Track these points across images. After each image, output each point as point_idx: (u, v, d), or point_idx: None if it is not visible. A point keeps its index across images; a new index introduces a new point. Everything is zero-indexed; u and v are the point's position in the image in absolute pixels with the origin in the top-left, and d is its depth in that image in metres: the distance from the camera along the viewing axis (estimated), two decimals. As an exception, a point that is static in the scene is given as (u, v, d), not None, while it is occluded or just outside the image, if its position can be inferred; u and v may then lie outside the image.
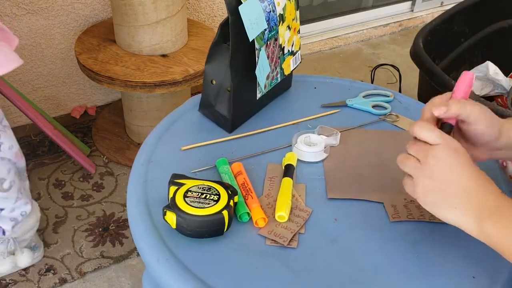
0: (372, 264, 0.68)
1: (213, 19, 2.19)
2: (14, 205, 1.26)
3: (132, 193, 0.76)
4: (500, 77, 1.67)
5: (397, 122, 0.94)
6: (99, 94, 2.05)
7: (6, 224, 1.27)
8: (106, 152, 1.85)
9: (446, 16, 1.75)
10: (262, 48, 0.84)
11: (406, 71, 2.29)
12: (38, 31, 1.78)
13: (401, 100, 1.00)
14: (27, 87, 1.87)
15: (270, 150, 0.86)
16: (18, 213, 1.28)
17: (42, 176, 1.74)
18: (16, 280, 1.41)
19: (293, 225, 0.72)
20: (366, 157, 0.85)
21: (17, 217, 1.28)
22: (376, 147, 0.87)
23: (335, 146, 0.87)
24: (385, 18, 2.84)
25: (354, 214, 0.75)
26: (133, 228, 0.72)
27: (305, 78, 1.06)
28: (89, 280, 1.43)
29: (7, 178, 1.21)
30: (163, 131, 0.89)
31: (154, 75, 1.55)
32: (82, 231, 1.56)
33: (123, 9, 1.57)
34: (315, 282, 0.65)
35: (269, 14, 0.83)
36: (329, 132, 0.88)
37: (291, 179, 0.78)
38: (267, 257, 0.68)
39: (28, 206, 1.30)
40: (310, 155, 0.83)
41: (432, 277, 0.66)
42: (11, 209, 1.26)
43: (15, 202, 1.26)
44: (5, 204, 1.24)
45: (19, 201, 1.26)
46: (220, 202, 0.68)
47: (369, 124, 0.93)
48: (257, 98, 0.90)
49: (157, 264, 0.66)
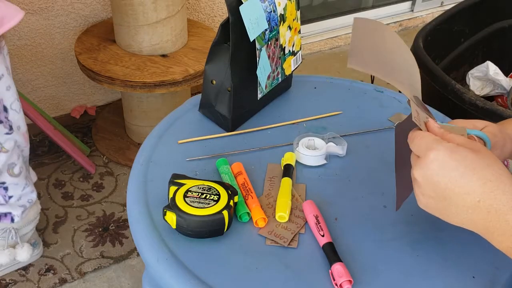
0: (372, 264, 0.68)
1: (213, 19, 2.19)
2: (22, 193, 1.28)
3: (132, 193, 0.76)
4: (500, 77, 1.67)
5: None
6: (99, 94, 2.05)
7: (16, 210, 1.30)
8: (106, 152, 1.85)
9: (446, 16, 1.75)
10: (263, 48, 0.84)
11: (406, 71, 2.29)
12: (38, 31, 1.78)
13: (401, 100, 1.00)
14: (27, 87, 1.87)
15: (270, 147, 0.86)
16: (26, 201, 1.31)
17: (42, 176, 1.74)
18: (16, 280, 1.41)
19: (293, 225, 0.72)
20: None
21: (25, 204, 1.31)
22: None
23: (341, 156, 0.86)
24: (385, 18, 2.84)
25: (354, 214, 0.75)
26: (133, 228, 0.72)
27: (305, 78, 1.05)
28: (89, 280, 1.43)
29: (17, 163, 1.23)
30: (163, 131, 0.89)
31: (154, 75, 1.55)
32: (82, 231, 1.56)
33: (123, 9, 1.57)
34: (315, 282, 0.65)
35: (270, 14, 0.83)
36: (339, 141, 0.86)
37: (291, 179, 0.78)
38: (267, 257, 0.68)
39: (34, 194, 1.32)
40: (309, 159, 0.83)
41: (432, 277, 0.66)
42: (19, 197, 1.28)
43: (23, 190, 1.28)
44: (15, 191, 1.26)
45: (26, 188, 1.29)
46: (220, 202, 0.68)
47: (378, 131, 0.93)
48: (258, 98, 0.90)
49: (157, 264, 0.66)
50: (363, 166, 0.84)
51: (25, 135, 1.27)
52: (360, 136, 0.90)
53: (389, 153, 0.78)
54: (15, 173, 1.24)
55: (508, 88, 1.65)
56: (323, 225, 0.70)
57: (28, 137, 1.29)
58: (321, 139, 0.85)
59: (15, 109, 1.20)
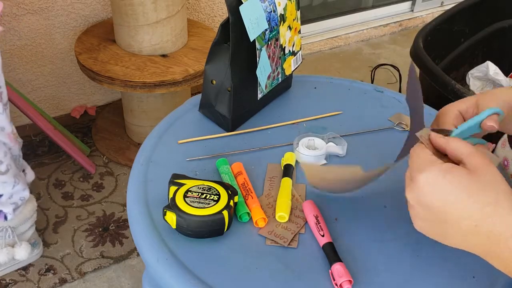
0: (372, 264, 0.68)
1: (213, 19, 2.19)
2: (12, 191, 1.27)
3: (132, 193, 0.76)
4: (500, 77, 1.67)
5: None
6: (99, 94, 2.05)
7: (7, 207, 1.29)
8: (106, 152, 1.85)
9: (446, 16, 1.75)
10: (263, 48, 0.84)
11: (406, 71, 2.28)
12: (38, 31, 1.78)
13: (401, 100, 1.00)
14: (27, 87, 1.87)
15: (270, 147, 0.86)
16: (18, 198, 1.30)
17: (42, 176, 1.74)
18: (16, 280, 1.41)
19: (293, 225, 0.72)
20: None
21: (17, 201, 1.30)
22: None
23: (341, 156, 0.86)
24: (385, 18, 2.84)
25: (354, 214, 0.75)
26: (133, 228, 0.72)
27: (305, 78, 1.05)
28: (89, 280, 1.43)
29: (4, 161, 1.22)
30: (163, 131, 0.89)
31: (154, 75, 1.55)
32: (82, 231, 1.56)
33: (123, 9, 1.57)
34: (315, 282, 0.65)
35: (270, 14, 0.83)
36: (339, 141, 0.86)
37: (291, 179, 0.78)
38: (267, 257, 0.68)
39: (26, 192, 1.32)
40: (309, 159, 0.83)
41: (432, 277, 0.66)
42: (9, 195, 1.27)
43: (13, 188, 1.27)
44: (4, 189, 1.26)
45: (16, 186, 1.28)
46: (220, 202, 0.68)
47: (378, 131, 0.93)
48: (258, 99, 0.90)
49: (157, 264, 0.66)
50: (363, 166, 0.84)
51: (10, 135, 1.25)
52: (360, 136, 0.90)
53: (389, 153, 0.78)
54: (2, 171, 1.22)
55: (508, 88, 1.65)
56: (323, 225, 0.70)
57: (14, 137, 1.27)
58: (321, 139, 0.85)
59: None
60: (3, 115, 1.21)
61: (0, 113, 1.20)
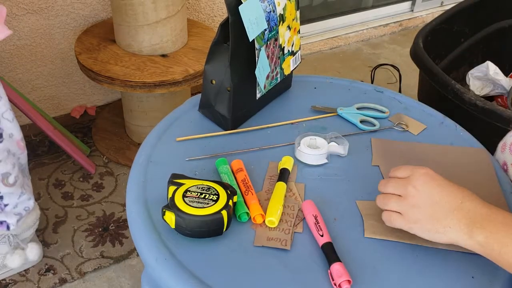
0: (371, 264, 0.68)
1: (213, 19, 2.19)
2: (18, 201, 1.26)
3: (131, 193, 0.76)
4: (500, 77, 1.67)
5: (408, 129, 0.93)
6: (99, 94, 2.05)
7: (11, 218, 1.28)
8: (106, 152, 1.85)
9: (446, 16, 1.75)
10: (262, 48, 0.84)
11: (406, 71, 2.29)
12: (38, 31, 1.78)
13: (401, 100, 1.00)
14: (27, 87, 1.87)
15: (269, 147, 0.86)
16: (22, 208, 1.29)
17: (42, 176, 1.74)
18: (16, 280, 1.41)
19: (290, 226, 0.72)
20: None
21: (21, 212, 1.29)
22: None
23: (342, 156, 0.86)
24: (385, 18, 2.84)
25: (354, 214, 0.75)
26: (132, 228, 0.72)
27: (305, 78, 1.05)
28: (89, 280, 1.43)
29: (12, 172, 1.21)
30: (163, 131, 0.89)
31: (154, 75, 1.55)
32: (82, 231, 1.56)
33: (123, 9, 1.57)
34: (314, 282, 0.65)
35: (269, 14, 0.83)
36: (340, 141, 0.86)
37: (285, 184, 0.78)
38: (266, 257, 0.68)
39: (31, 201, 1.31)
40: (310, 158, 0.83)
41: (432, 277, 0.66)
42: (15, 205, 1.26)
43: (19, 198, 1.26)
44: (10, 199, 1.25)
45: (22, 196, 1.27)
46: (219, 202, 0.68)
47: (378, 131, 0.93)
48: (256, 98, 0.90)
49: (156, 264, 0.66)
50: (363, 166, 0.84)
51: (20, 142, 1.24)
52: (360, 136, 0.91)
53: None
54: (10, 183, 1.21)
55: (508, 88, 1.65)
56: (322, 225, 0.70)
57: (23, 144, 1.26)
58: (323, 138, 0.85)
59: (7, 118, 1.19)
60: (12, 123, 1.21)
61: (10, 121, 1.20)
